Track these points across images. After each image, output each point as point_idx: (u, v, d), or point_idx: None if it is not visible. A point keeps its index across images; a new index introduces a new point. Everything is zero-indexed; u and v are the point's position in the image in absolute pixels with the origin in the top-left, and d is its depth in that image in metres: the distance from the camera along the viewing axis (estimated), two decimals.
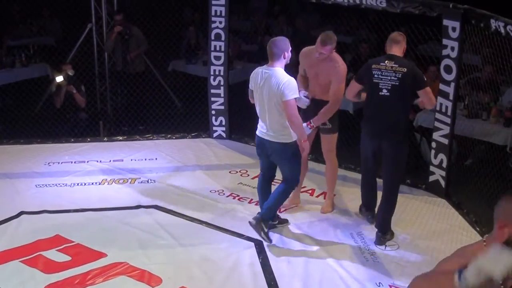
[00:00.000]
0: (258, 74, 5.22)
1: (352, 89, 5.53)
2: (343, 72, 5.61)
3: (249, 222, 5.43)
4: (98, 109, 8.73)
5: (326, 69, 5.59)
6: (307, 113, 5.56)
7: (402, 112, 5.32)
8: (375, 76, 5.28)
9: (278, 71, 5.09)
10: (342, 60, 5.70)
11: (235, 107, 8.22)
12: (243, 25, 11.66)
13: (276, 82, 5.03)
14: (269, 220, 5.45)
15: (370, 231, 5.64)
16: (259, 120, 5.36)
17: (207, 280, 4.83)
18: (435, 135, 6.36)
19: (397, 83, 5.19)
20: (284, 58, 5.11)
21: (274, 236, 5.50)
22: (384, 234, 5.50)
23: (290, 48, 5.15)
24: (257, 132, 5.38)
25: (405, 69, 5.19)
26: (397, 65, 5.22)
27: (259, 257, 5.17)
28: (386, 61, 5.28)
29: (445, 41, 6.08)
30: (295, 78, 5.26)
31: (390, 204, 5.50)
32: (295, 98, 5.10)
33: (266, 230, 5.39)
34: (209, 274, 4.90)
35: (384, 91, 5.25)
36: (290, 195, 5.66)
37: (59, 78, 8.02)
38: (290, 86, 5.03)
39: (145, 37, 8.80)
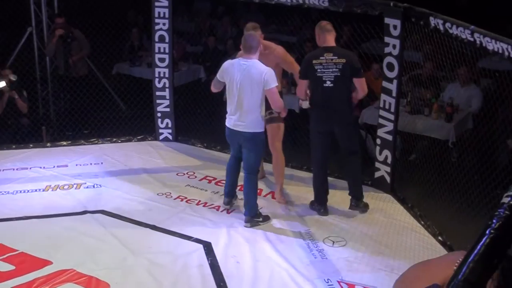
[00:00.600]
0: (233, 66, 5.54)
1: (301, 87, 5.79)
2: (283, 50, 6.13)
3: (245, 226, 5.76)
4: (40, 114, 8.57)
5: (265, 58, 5.80)
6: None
7: (347, 98, 5.69)
8: (318, 70, 5.56)
9: (257, 62, 5.49)
10: (274, 44, 6.18)
11: (181, 109, 8.19)
12: (187, 26, 11.61)
13: (259, 73, 5.41)
14: (256, 213, 5.81)
15: (318, 229, 5.70)
16: (230, 112, 5.64)
17: (156, 284, 4.78)
18: (380, 132, 6.46)
19: (339, 74, 5.54)
20: (258, 51, 5.52)
21: (222, 238, 5.51)
22: (358, 200, 5.96)
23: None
24: (227, 124, 5.70)
25: (345, 60, 5.54)
26: (336, 57, 5.55)
27: (207, 259, 5.15)
28: (325, 54, 5.58)
29: (386, 39, 6.19)
30: None
31: (358, 166, 5.94)
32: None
33: (260, 219, 5.81)
34: (158, 278, 4.85)
35: (328, 82, 5.57)
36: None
37: (1, 84, 7.82)
38: (272, 76, 5.44)
39: (87, 40, 8.67)
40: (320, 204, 6.00)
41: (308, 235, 5.60)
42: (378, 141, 6.50)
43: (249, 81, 5.43)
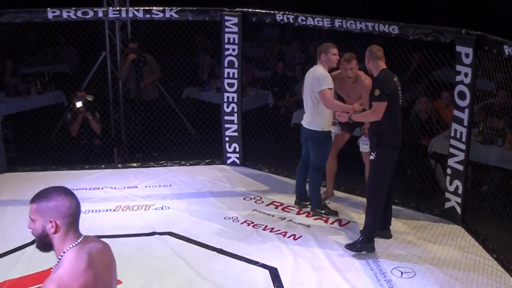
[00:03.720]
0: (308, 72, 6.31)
1: (382, 110, 5.50)
2: (370, 83, 6.09)
3: (310, 212, 6.53)
4: (112, 136, 8.77)
5: (354, 87, 6.32)
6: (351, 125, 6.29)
7: None
8: (399, 88, 5.59)
9: (318, 67, 6.16)
10: (364, 74, 6.28)
11: (249, 134, 8.23)
12: (256, 52, 11.71)
13: (314, 76, 6.11)
14: (319, 204, 6.49)
15: (386, 258, 5.59)
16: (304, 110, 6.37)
17: None
18: (450, 162, 6.31)
19: (402, 93, 5.65)
20: (324, 58, 6.13)
21: (288, 264, 5.48)
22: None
23: (332, 53, 6.12)
24: (301, 121, 6.43)
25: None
26: (397, 77, 5.65)
27: (273, 284, 5.12)
28: (395, 76, 5.63)
29: (458, 67, 6.07)
30: None
31: None
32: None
33: (322, 211, 6.48)
34: None
35: (400, 101, 5.63)
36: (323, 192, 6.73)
37: (79, 104, 8.09)
38: (324, 79, 6.04)
39: (158, 65, 8.86)
40: (385, 229, 5.98)
41: (376, 264, 5.50)
42: (449, 171, 6.35)
43: (309, 83, 6.19)
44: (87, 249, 2.57)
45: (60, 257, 2.53)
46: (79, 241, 2.57)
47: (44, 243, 2.56)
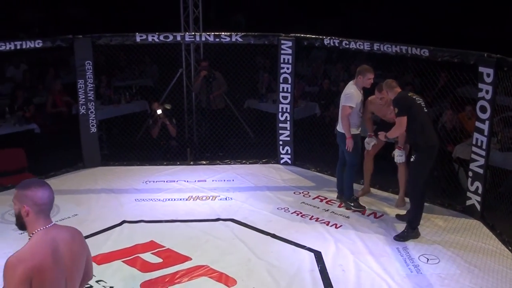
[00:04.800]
0: None
1: (404, 124, 5.57)
2: None
3: (339, 199, 6.54)
4: (186, 138, 8.89)
5: (387, 109, 6.22)
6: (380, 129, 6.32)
7: None
8: (416, 99, 5.62)
9: (351, 86, 6.18)
10: None
11: (299, 139, 8.22)
12: (306, 70, 11.68)
13: (345, 92, 6.18)
14: (349, 197, 6.38)
15: (414, 246, 5.50)
16: None
17: (274, 283, 4.81)
18: (472, 166, 6.16)
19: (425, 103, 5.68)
20: (359, 79, 6.13)
21: (331, 248, 5.45)
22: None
23: (367, 77, 6.08)
24: (337, 127, 6.42)
25: None
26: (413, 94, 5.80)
27: (318, 265, 5.11)
28: (410, 93, 5.81)
29: (480, 85, 5.93)
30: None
31: None
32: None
33: (352, 204, 6.36)
34: (276, 278, 4.88)
35: (425, 108, 5.62)
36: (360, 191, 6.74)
37: (159, 111, 8.29)
38: (350, 97, 6.08)
39: (225, 80, 8.94)
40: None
41: (405, 251, 5.41)
42: (470, 173, 6.20)
43: (341, 97, 6.20)
44: (52, 235, 2.56)
45: (29, 237, 2.57)
46: (47, 227, 2.57)
47: (20, 222, 2.61)
